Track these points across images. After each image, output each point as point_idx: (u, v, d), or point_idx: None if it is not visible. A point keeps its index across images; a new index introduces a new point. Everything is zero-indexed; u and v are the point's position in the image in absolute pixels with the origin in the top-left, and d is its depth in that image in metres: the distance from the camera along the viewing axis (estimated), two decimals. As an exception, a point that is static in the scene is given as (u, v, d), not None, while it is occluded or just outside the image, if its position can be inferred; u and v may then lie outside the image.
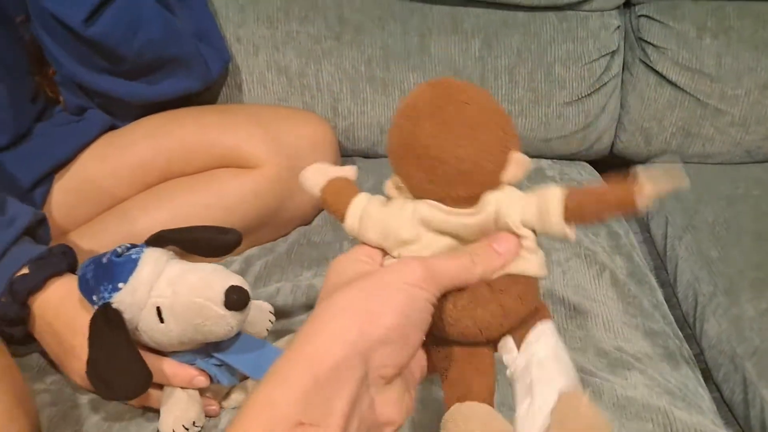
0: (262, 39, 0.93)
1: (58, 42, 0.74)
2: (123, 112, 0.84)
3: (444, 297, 0.37)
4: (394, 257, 0.39)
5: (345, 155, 1.01)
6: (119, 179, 0.80)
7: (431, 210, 0.38)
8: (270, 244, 0.86)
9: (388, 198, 0.41)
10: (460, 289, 0.37)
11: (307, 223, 0.89)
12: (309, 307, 0.73)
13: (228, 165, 0.81)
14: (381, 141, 0.99)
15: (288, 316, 0.71)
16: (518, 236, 0.38)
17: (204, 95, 0.94)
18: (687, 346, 0.76)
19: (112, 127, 0.84)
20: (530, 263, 0.38)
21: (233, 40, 0.93)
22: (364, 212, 0.40)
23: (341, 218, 0.41)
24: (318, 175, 0.43)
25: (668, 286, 0.91)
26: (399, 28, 0.95)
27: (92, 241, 0.76)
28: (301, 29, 0.94)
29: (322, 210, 0.90)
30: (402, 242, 0.39)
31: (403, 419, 0.35)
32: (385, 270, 0.36)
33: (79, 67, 0.76)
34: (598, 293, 0.78)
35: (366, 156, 1.02)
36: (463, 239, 0.39)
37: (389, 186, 0.41)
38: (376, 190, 0.43)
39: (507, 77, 0.97)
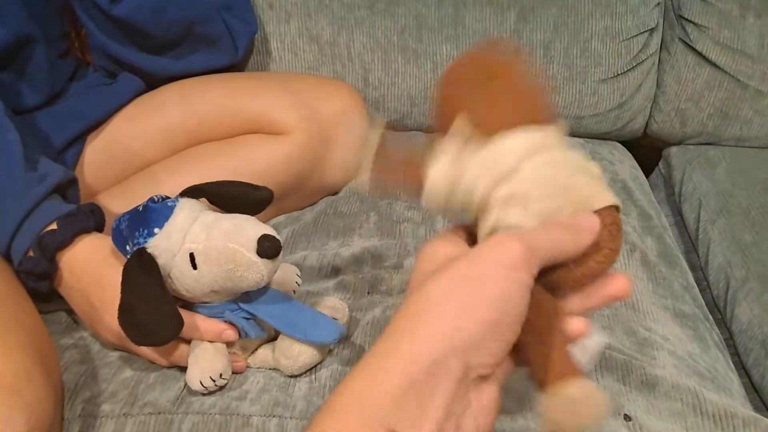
0: (295, 6, 0.92)
1: (89, 16, 0.75)
2: (150, 81, 0.84)
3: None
4: (487, 231, 0.36)
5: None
6: (149, 141, 0.80)
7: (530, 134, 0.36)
8: (297, 212, 0.85)
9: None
10: None
11: (335, 192, 0.88)
12: (335, 275, 0.72)
13: (257, 131, 0.81)
14: (411, 113, 0.98)
15: (314, 282, 0.71)
16: None
17: (235, 61, 0.93)
18: (717, 330, 0.75)
19: (144, 91, 0.84)
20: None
21: (265, 6, 0.92)
22: (453, 156, 0.36)
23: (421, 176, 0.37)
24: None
25: (699, 269, 0.89)
26: (433, -2, 0.94)
27: (120, 203, 0.76)
28: (335, -3, 0.93)
29: (350, 181, 0.89)
30: (508, 173, 0.35)
31: (495, 421, 0.32)
32: (480, 252, 0.32)
33: (108, 39, 0.77)
34: (628, 273, 0.77)
35: (394, 129, 1.01)
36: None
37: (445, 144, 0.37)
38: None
39: (542, 51, 0.95)
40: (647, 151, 1.10)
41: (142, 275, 0.51)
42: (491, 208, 0.35)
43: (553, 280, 0.35)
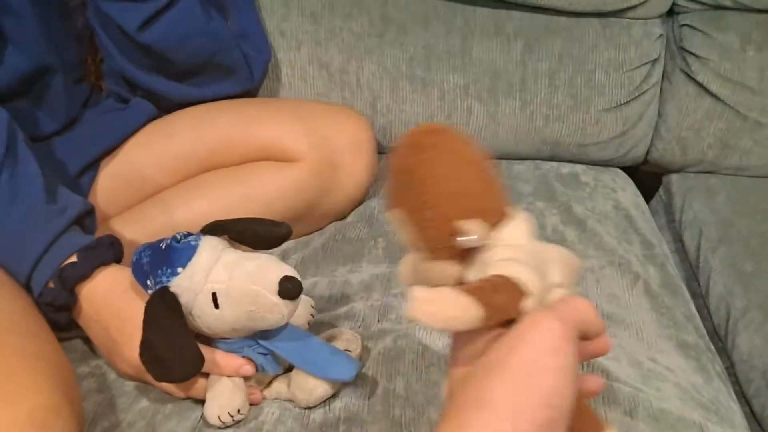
0: (306, 34, 0.94)
1: (113, 40, 0.77)
2: (164, 106, 0.85)
3: None
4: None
5: (381, 152, 1.02)
6: (161, 167, 0.82)
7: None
8: (305, 238, 0.87)
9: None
10: None
11: (343, 218, 0.90)
12: (344, 302, 0.74)
13: (268, 158, 0.82)
14: (417, 140, 0.99)
15: (325, 311, 0.72)
16: None
17: (246, 87, 0.95)
18: (719, 360, 0.77)
19: (157, 116, 0.85)
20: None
21: (276, 34, 0.94)
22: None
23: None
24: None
25: (699, 297, 0.91)
26: (442, 28, 0.96)
27: (133, 229, 0.77)
28: (345, 26, 0.94)
29: (358, 206, 0.90)
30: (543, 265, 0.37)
31: None
32: (522, 339, 0.32)
33: (129, 64, 0.79)
34: (631, 303, 0.79)
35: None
36: None
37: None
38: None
39: (547, 81, 0.97)
40: (647, 176, 1.12)
41: (165, 314, 0.52)
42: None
43: None
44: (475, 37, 0.96)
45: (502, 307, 0.34)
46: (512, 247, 0.36)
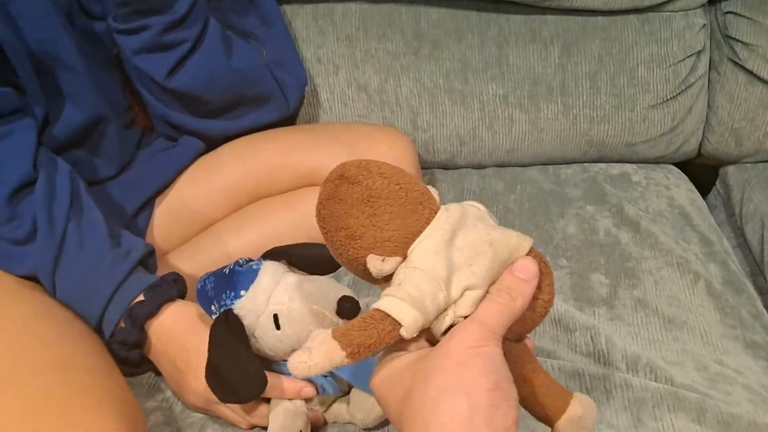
0: (342, 58, 0.95)
1: (146, 88, 0.80)
2: (209, 141, 0.88)
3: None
4: (446, 326, 0.40)
5: (425, 167, 1.02)
6: (211, 201, 0.84)
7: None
8: (355, 259, 0.87)
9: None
10: None
11: (391, 237, 0.90)
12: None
13: (313, 183, 0.84)
14: (461, 152, 0.99)
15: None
16: None
17: (287, 115, 0.97)
18: (791, 359, 0.73)
19: (205, 151, 0.88)
20: None
21: (314, 61, 0.96)
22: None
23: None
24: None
25: (766, 293, 0.87)
26: (476, 39, 0.95)
27: (189, 263, 0.79)
28: (380, 46, 0.95)
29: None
30: (446, 276, 0.40)
31: None
32: (448, 345, 0.37)
33: (165, 108, 0.82)
34: (693, 303, 0.76)
35: (445, 167, 1.03)
36: None
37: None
38: (458, 200, 0.44)
39: (588, 83, 0.95)
40: (703, 170, 1.08)
41: (229, 336, 0.54)
42: (448, 310, 0.40)
43: (514, 331, 0.41)
44: (510, 45, 0.95)
45: (367, 344, 0.38)
46: (405, 272, 0.39)
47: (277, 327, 0.55)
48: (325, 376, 0.59)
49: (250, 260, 0.59)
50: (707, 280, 0.79)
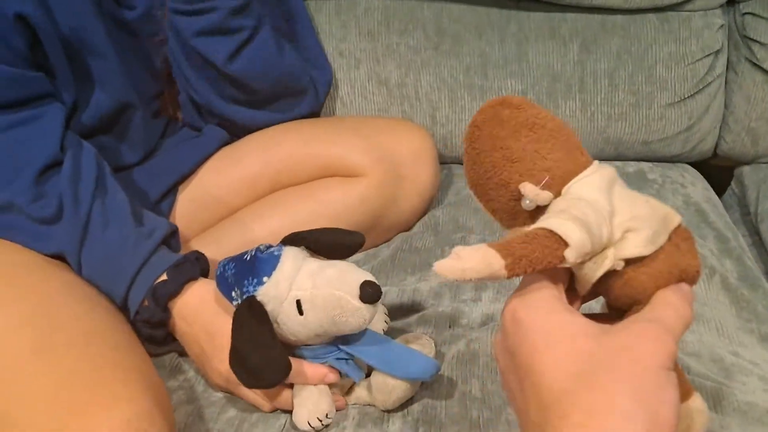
0: (363, 52, 0.97)
1: (199, 73, 0.82)
2: (236, 131, 0.90)
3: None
4: (605, 268, 0.36)
5: (443, 162, 1.03)
6: (233, 190, 0.85)
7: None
8: (373, 249, 0.89)
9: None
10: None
11: (408, 229, 0.91)
12: (415, 310, 0.75)
13: (333, 174, 0.85)
14: (478, 147, 1.00)
15: (397, 319, 0.74)
16: None
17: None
18: (806, 353, 0.74)
19: (228, 141, 0.89)
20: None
21: (336, 54, 0.97)
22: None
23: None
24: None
25: (782, 290, 0.88)
26: (496, 35, 0.97)
27: (212, 248, 0.80)
28: (401, 41, 0.97)
29: (422, 216, 0.92)
30: (609, 214, 0.37)
31: None
32: (638, 349, 0.32)
33: (213, 95, 0.84)
34: (708, 297, 0.77)
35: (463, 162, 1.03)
36: None
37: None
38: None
39: (606, 80, 0.96)
40: (718, 170, 1.09)
41: (253, 322, 0.55)
42: (607, 251, 0.36)
43: None
44: (530, 42, 0.96)
45: (529, 256, 0.34)
46: (567, 200, 0.37)
47: (300, 312, 0.56)
48: (346, 360, 0.59)
49: (270, 246, 0.60)
50: (723, 275, 0.80)
